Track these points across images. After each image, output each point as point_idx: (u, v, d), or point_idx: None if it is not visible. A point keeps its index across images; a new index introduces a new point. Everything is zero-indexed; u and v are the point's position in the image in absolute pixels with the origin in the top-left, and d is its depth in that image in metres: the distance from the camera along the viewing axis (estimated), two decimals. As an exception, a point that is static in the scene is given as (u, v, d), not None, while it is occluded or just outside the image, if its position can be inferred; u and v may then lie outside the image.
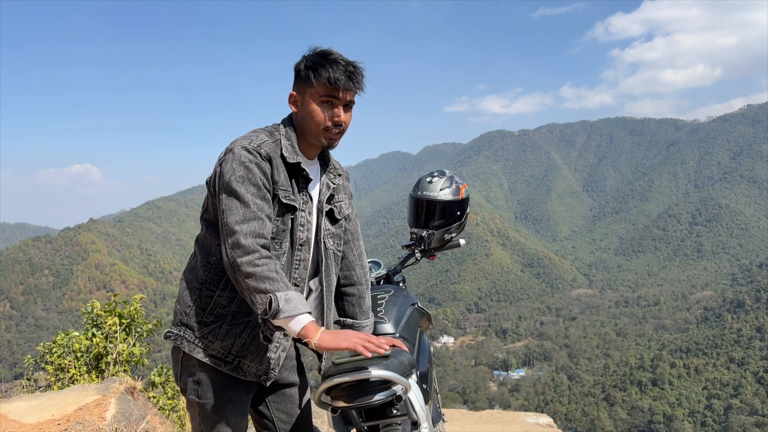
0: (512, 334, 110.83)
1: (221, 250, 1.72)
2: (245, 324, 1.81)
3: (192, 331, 1.81)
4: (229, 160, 1.74)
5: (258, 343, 1.82)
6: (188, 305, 1.83)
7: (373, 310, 2.28)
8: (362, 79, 1.85)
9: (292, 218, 1.83)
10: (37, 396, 3.43)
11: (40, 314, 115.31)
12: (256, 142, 1.78)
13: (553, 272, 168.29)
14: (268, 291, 1.60)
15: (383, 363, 1.72)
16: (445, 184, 2.70)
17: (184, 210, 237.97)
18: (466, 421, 4.41)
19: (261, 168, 1.74)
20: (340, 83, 1.78)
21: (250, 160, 1.73)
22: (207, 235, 1.85)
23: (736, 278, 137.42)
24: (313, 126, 1.82)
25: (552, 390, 76.32)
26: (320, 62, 1.80)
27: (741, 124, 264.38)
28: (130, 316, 4.61)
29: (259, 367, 1.84)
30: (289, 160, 1.81)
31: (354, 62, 1.84)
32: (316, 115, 1.81)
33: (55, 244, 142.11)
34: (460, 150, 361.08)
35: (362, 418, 1.91)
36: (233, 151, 1.75)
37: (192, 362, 1.83)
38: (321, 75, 1.78)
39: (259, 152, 1.75)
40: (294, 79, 1.88)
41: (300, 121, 1.87)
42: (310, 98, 1.81)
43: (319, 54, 1.82)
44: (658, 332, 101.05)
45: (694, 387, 70.25)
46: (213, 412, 1.82)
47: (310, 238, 1.91)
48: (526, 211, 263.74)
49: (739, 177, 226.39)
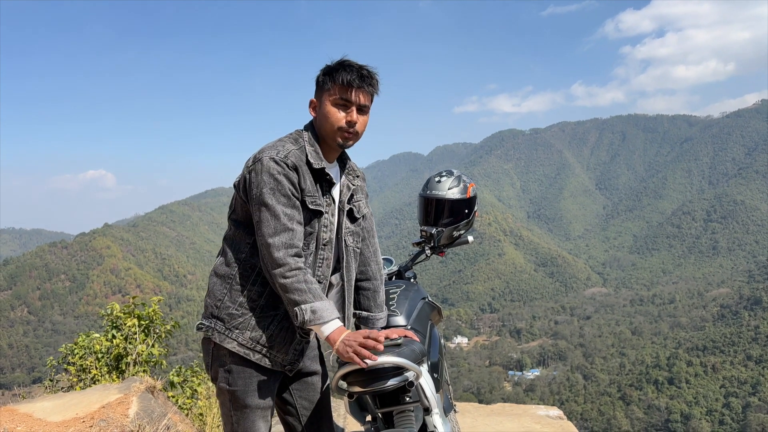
0: (526, 334, 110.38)
1: (259, 256, 1.91)
2: (273, 317, 1.95)
3: (223, 323, 1.94)
4: (258, 171, 1.87)
5: (285, 335, 1.97)
6: (219, 299, 1.96)
7: (386, 303, 2.39)
8: (376, 82, 1.99)
9: (318, 222, 1.97)
10: (61, 396, 3.51)
11: (57, 319, 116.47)
12: (283, 152, 1.90)
13: (567, 271, 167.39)
14: (297, 303, 1.80)
15: (396, 350, 1.88)
16: (453, 183, 2.78)
17: (198, 214, 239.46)
18: (477, 414, 4.46)
19: (289, 178, 1.87)
20: (354, 84, 1.92)
21: (279, 171, 1.86)
22: (236, 234, 1.98)
23: (753, 275, 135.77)
24: (328, 127, 1.95)
25: (567, 389, 75.90)
26: (336, 68, 1.95)
27: (755, 120, 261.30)
28: (149, 318, 4.69)
29: (285, 357, 1.98)
30: (315, 165, 1.94)
31: (368, 66, 1.98)
32: (331, 115, 1.94)
33: (71, 250, 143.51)
34: (472, 150, 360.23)
35: (377, 404, 2.05)
36: (262, 162, 1.88)
37: (222, 352, 1.95)
38: (336, 78, 1.93)
39: (286, 163, 1.88)
40: (315, 89, 2.03)
41: (318, 124, 2.00)
42: (326, 101, 1.95)
43: (336, 62, 1.97)
44: (674, 330, 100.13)
45: (711, 385, 69.56)
46: (243, 398, 1.95)
47: (332, 238, 2.04)
48: (539, 210, 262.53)
49: (755, 173, 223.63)
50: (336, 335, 1.80)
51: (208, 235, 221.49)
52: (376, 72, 1.99)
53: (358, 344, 1.77)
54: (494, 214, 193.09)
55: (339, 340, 1.79)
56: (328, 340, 1.81)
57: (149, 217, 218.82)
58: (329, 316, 1.81)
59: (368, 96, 1.98)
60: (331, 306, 1.84)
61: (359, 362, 1.75)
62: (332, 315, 1.82)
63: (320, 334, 1.82)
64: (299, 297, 1.80)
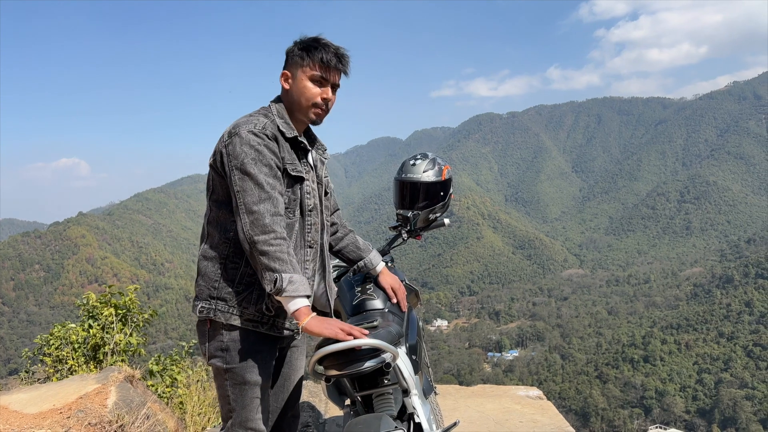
0: (505, 316, 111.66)
1: (237, 226, 1.90)
2: None
3: (224, 302, 1.97)
4: (237, 143, 1.90)
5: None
6: (215, 279, 1.98)
7: (364, 287, 2.43)
8: (348, 63, 2.08)
9: (301, 188, 2.04)
10: (37, 387, 3.46)
11: (33, 310, 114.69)
12: (260, 125, 1.95)
13: (544, 253, 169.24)
14: (277, 270, 1.80)
15: (372, 332, 1.90)
16: (428, 166, 2.76)
17: (174, 201, 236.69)
18: (458, 395, 4.50)
19: (270, 148, 1.93)
20: (331, 63, 2.00)
21: (259, 142, 1.90)
22: (220, 214, 2.00)
23: (725, 254, 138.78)
24: (304, 101, 2.02)
25: (545, 369, 77.13)
26: (313, 45, 2.02)
27: (727, 102, 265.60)
28: (126, 307, 4.64)
29: (291, 323, 2.06)
30: (288, 135, 2.01)
31: (342, 48, 2.07)
32: (307, 90, 2.01)
33: (45, 239, 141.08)
34: (450, 134, 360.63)
35: (355, 388, 2.03)
36: (240, 135, 1.91)
37: (219, 331, 1.98)
38: (314, 55, 2.00)
39: (265, 134, 1.93)
40: (286, 61, 2.08)
41: (290, 97, 2.06)
42: (303, 75, 2.02)
43: (311, 38, 2.04)
44: (649, 309, 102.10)
45: (684, 362, 71.19)
46: (241, 374, 1.97)
47: (317, 204, 2.12)
48: (516, 193, 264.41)
49: (726, 154, 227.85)
50: (304, 312, 1.82)
51: (185, 222, 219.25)
52: (349, 54, 2.08)
53: (337, 326, 1.81)
54: (472, 197, 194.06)
55: (310, 316, 1.81)
56: (295, 315, 1.82)
57: (125, 205, 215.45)
58: (304, 291, 1.83)
59: (340, 76, 2.07)
60: (306, 282, 1.86)
61: (345, 336, 1.77)
62: (306, 291, 1.84)
63: (288, 307, 1.82)
64: (280, 266, 1.81)
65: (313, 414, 3.95)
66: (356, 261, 2.44)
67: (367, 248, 2.46)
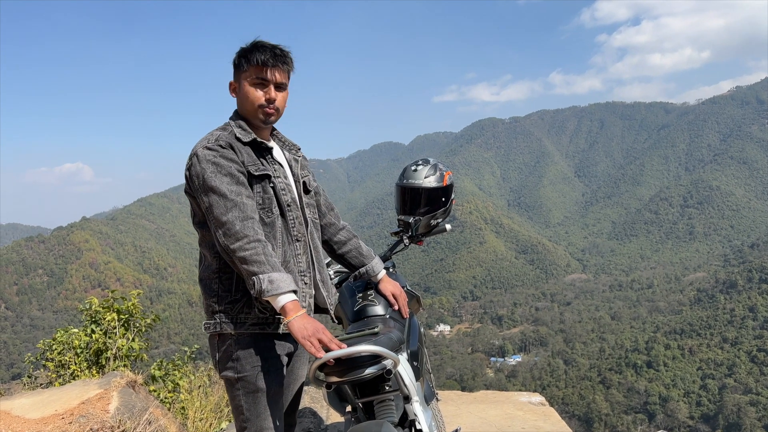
0: (508, 321, 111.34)
1: (215, 241, 1.94)
2: None
3: (227, 314, 1.99)
4: (195, 164, 1.96)
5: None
6: (214, 294, 2.01)
7: (365, 293, 2.42)
8: (290, 59, 2.09)
9: (272, 186, 2.05)
10: (39, 392, 3.47)
11: (36, 314, 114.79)
12: (213, 138, 2.00)
13: (547, 258, 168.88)
14: (255, 273, 1.82)
15: (373, 339, 1.91)
16: (429, 171, 2.77)
17: (177, 206, 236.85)
18: (460, 401, 4.49)
19: (226, 157, 1.96)
20: (269, 63, 2.02)
21: (214, 155, 1.95)
22: (205, 234, 2.04)
23: (728, 259, 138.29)
24: (249, 105, 2.06)
25: (548, 375, 76.83)
26: (250, 49, 2.04)
27: (730, 106, 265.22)
28: (129, 312, 4.65)
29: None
30: (244, 139, 2.03)
31: (281, 45, 2.08)
32: (250, 94, 2.04)
33: (48, 244, 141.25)
34: (452, 139, 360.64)
35: (356, 394, 2.03)
36: (197, 155, 1.96)
37: (228, 342, 2.00)
38: (251, 59, 2.02)
39: (219, 144, 1.97)
40: (233, 72, 2.11)
41: (240, 105, 2.10)
42: (245, 81, 2.05)
43: (250, 43, 2.06)
44: (652, 315, 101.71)
45: (688, 368, 70.88)
46: (253, 381, 1.98)
47: (295, 198, 2.14)
48: (519, 198, 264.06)
49: (729, 158, 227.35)
50: (291, 307, 1.83)
51: (188, 227, 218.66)
52: (289, 50, 2.09)
53: (311, 333, 1.81)
54: (475, 202, 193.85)
55: (297, 314, 1.83)
56: (283, 311, 1.84)
57: (128, 209, 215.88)
58: (286, 287, 1.83)
59: (284, 73, 2.07)
60: (288, 278, 1.87)
61: (312, 350, 1.78)
62: (289, 287, 1.85)
63: (275, 305, 1.84)
64: (258, 268, 1.83)
65: (314, 420, 3.94)
66: (358, 267, 2.43)
67: (369, 255, 2.45)
